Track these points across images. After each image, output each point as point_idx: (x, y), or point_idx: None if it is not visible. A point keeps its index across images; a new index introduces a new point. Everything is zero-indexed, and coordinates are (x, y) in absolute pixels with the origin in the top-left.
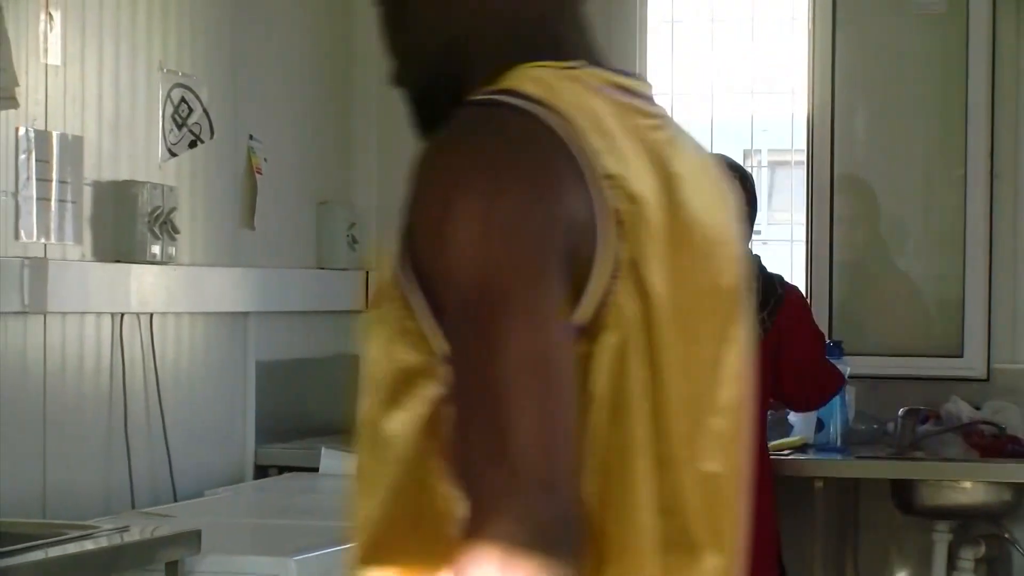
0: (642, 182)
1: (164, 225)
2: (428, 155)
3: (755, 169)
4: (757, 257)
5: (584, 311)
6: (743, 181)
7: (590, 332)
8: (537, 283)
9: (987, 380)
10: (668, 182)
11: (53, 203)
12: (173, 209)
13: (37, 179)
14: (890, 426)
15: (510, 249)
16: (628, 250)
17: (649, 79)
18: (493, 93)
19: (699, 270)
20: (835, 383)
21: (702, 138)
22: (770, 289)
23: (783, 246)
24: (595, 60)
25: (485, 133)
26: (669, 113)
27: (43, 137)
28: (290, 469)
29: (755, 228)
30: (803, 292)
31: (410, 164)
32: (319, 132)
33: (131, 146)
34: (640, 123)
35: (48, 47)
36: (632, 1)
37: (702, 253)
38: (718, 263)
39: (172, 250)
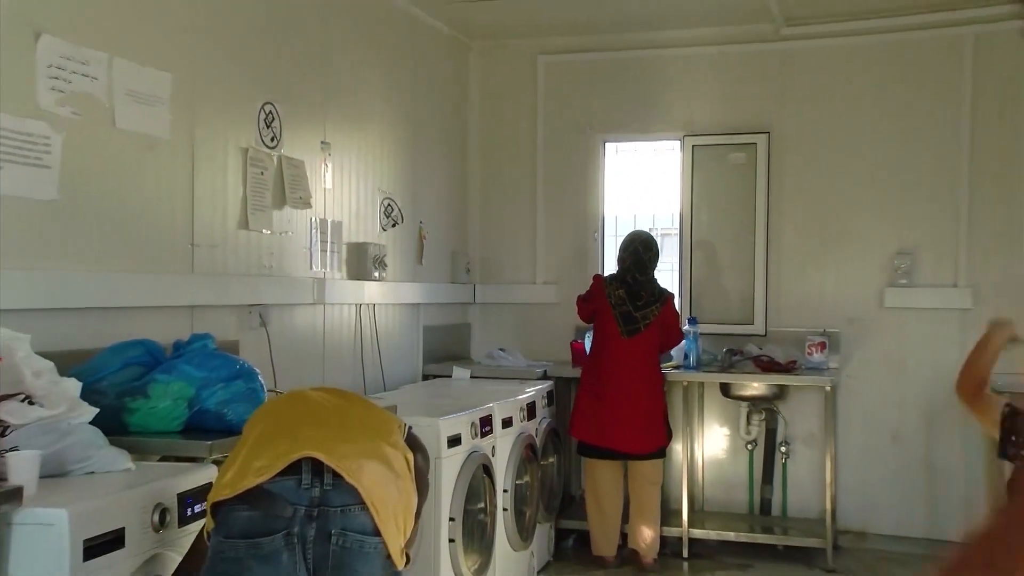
0: None
1: (380, 263)
2: None
3: (656, 236)
4: (655, 278)
5: None
6: (652, 243)
7: None
8: None
9: (765, 335)
10: None
11: (328, 253)
12: (384, 255)
13: (320, 241)
14: (720, 357)
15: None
16: None
17: (606, 198)
18: None
19: None
20: (681, 337)
21: (633, 223)
22: (660, 293)
23: (668, 274)
24: None
25: None
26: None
27: (323, 223)
28: (437, 376)
29: (658, 265)
30: (675, 295)
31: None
32: (452, 217)
33: (365, 226)
34: None
35: (325, 178)
36: (597, 161)
37: None
38: None
39: (384, 274)
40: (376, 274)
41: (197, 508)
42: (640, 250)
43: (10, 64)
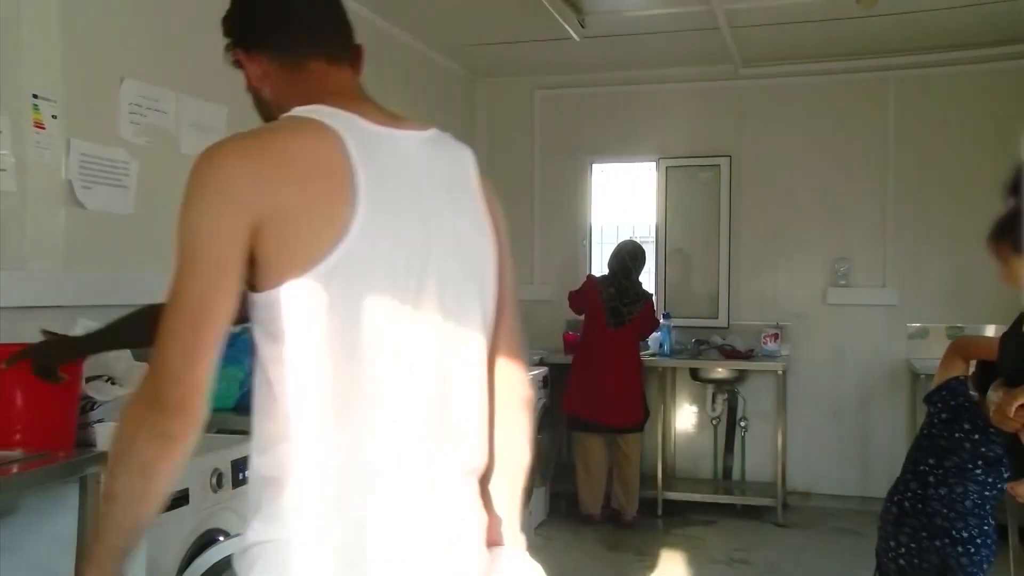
0: None
1: None
2: None
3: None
4: (640, 281)
5: None
6: (637, 252)
7: None
8: None
9: (727, 328)
10: None
11: None
12: None
13: None
14: (689, 346)
15: None
16: None
17: (593, 211)
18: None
19: None
20: (657, 326)
21: (616, 232)
22: (643, 294)
23: (647, 276)
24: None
25: None
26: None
27: None
28: None
29: (644, 269)
30: (653, 295)
31: None
32: None
33: None
34: None
35: None
36: (585, 179)
37: None
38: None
39: None
40: None
41: (248, 473)
42: (626, 259)
43: (101, 103)
